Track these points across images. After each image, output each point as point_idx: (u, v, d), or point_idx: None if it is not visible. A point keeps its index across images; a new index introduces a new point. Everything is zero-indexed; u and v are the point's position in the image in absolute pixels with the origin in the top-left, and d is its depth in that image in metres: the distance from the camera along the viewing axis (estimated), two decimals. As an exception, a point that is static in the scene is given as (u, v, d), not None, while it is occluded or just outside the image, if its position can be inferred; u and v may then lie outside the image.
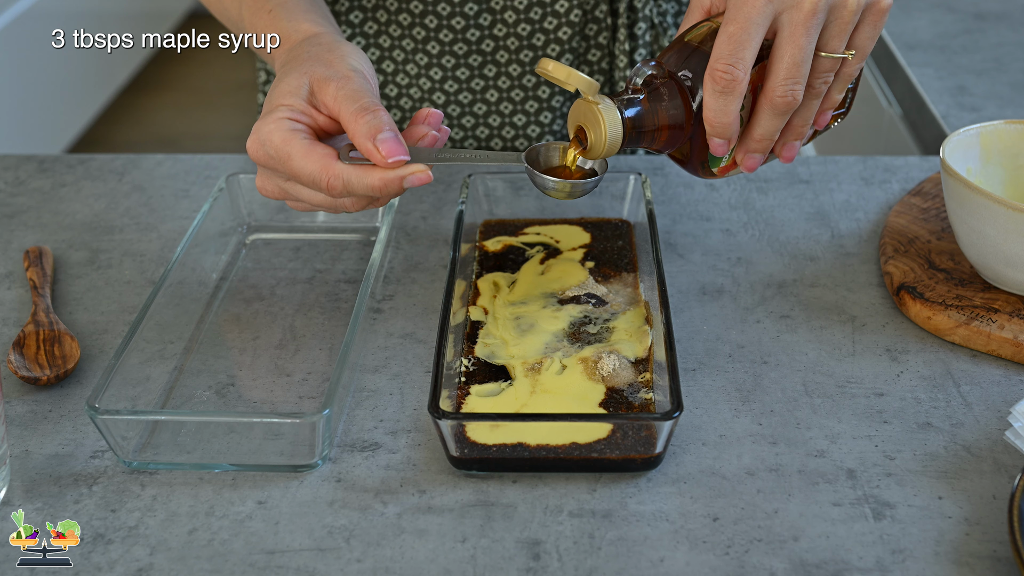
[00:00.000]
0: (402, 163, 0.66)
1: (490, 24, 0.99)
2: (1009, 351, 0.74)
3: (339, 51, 0.72)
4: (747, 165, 0.70)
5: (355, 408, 0.71)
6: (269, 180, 0.71)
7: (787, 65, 0.65)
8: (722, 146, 0.67)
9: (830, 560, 0.59)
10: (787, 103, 0.66)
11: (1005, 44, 1.32)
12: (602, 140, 0.67)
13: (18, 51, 2.54)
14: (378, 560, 0.60)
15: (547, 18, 0.99)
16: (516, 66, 1.01)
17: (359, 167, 0.67)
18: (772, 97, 0.66)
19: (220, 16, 0.86)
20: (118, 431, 0.65)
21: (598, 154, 0.68)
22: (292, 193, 0.70)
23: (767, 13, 0.64)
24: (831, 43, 0.66)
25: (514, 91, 1.02)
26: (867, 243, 0.88)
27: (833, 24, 0.65)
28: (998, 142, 0.83)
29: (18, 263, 0.86)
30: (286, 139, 0.67)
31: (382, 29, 1.01)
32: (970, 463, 0.66)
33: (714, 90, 0.65)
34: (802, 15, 0.64)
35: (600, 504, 0.63)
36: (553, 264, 0.82)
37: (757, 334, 0.77)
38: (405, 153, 0.66)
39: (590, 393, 0.68)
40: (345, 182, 0.67)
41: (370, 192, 0.67)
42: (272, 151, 0.67)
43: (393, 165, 0.66)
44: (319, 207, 0.71)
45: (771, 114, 0.67)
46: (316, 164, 0.66)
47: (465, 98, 1.03)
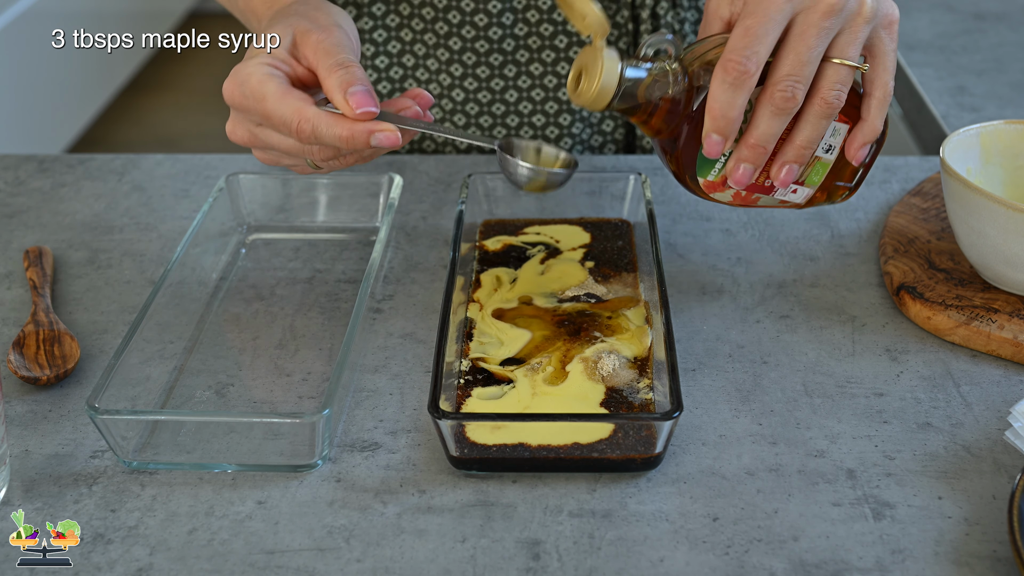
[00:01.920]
0: (371, 115, 0.67)
1: (512, 23, 0.99)
2: (1009, 351, 0.74)
3: (325, 9, 0.73)
4: (736, 177, 0.68)
5: (355, 408, 0.71)
6: (240, 124, 0.72)
7: (792, 61, 0.64)
8: (718, 145, 0.66)
9: (830, 560, 0.59)
10: (786, 100, 0.65)
11: (1005, 44, 1.32)
12: (593, 88, 0.66)
13: (18, 51, 2.54)
14: (378, 560, 0.60)
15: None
16: (538, 65, 1.01)
17: (330, 114, 0.67)
18: (772, 93, 0.65)
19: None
20: (118, 431, 0.65)
21: (585, 100, 0.67)
22: (262, 138, 0.71)
23: (786, 11, 0.64)
24: (846, 50, 0.65)
25: (535, 91, 1.02)
26: (867, 243, 0.88)
27: (846, 31, 0.65)
28: (998, 142, 0.83)
29: (18, 263, 0.86)
30: (263, 80, 0.68)
31: (404, 22, 1.01)
32: (970, 463, 0.66)
33: (724, 80, 0.64)
34: (816, 15, 0.64)
35: (600, 504, 0.63)
36: (553, 264, 0.82)
37: (757, 334, 0.77)
38: (375, 106, 0.67)
39: (590, 393, 0.68)
40: (315, 127, 0.67)
41: (337, 142, 0.68)
42: (248, 91, 0.68)
43: (361, 116, 0.67)
44: (287, 154, 0.71)
45: (770, 113, 0.65)
46: (289, 107, 0.67)
47: (484, 97, 1.03)
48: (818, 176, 0.71)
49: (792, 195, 0.72)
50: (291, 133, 0.68)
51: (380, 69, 1.03)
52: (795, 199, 0.72)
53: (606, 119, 1.05)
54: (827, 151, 0.70)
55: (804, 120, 0.67)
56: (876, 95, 0.69)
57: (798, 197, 0.72)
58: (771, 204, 0.73)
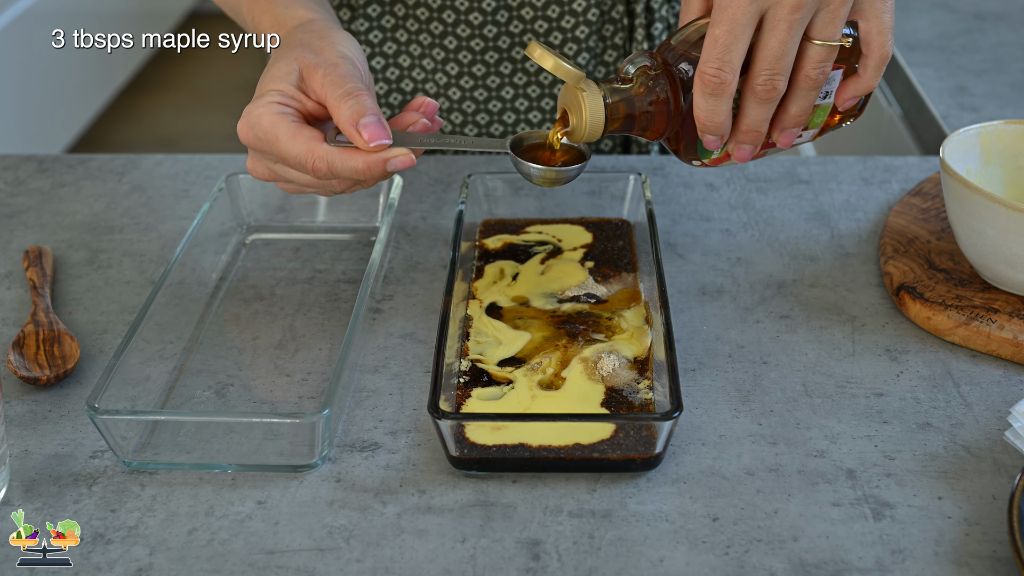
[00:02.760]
0: (384, 147, 0.68)
1: (507, 21, 1.00)
2: (1009, 351, 0.74)
3: (330, 38, 0.73)
4: (738, 156, 0.70)
5: (355, 408, 0.71)
6: (259, 162, 0.73)
7: (767, 57, 0.65)
8: (715, 142, 0.68)
9: (830, 560, 0.59)
10: (767, 92, 0.66)
11: (1005, 44, 1.32)
12: (583, 125, 0.68)
13: (18, 51, 2.54)
14: (378, 560, 0.60)
15: (565, 16, 0.99)
16: (534, 62, 1.01)
17: (344, 150, 0.68)
18: (753, 87, 0.66)
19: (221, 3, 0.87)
20: (118, 431, 0.65)
21: (579, 138, 0.69)
22: (281, 175, 0.72)
23: (751, 12, 0.64)
24: (824, 31, 0.65)
25: (531, 87, 1.03)
26: (867, 243, 0.88)
27: (823, 12, 0.65)
28: (998, 142, 0.83)
29: (18, 263, 0.86)
30: (274, 122, 0.69)
31: (399, 23, 1.01)
32: (970, 463, 0.66)
33: (703, 92, 0.65)
34: (784, 10, 0.64)
35: (600, 504, 0.63)
36: (553, 264, 0.82)
37: (757, 334, 0.77)
38: (387, 137, 0.68)
39: (591, 394, 0.68)
40: (330, 164, 0.68)
41: (354, 175, 0.69)
42: (261, 133, 0.69)
43: (375, 149, 0.68)
44: (308, 188, 0.72)
45: (755, 104, 0.67)
46: (302, 147, 0.68)
47: (480, 95, 1.03)
48: (820, 119, 0.72)
49: (799, 140, 0.73)
50: (307, 172, 0.69)
51: (376, 70, 1.03)
52: (803, 141, 0.74)
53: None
54: (824, 97, 0.70)
55: (792, 97, 0.68)
56: (873, 56, 0.69)
57: (806, 137, 0.73)
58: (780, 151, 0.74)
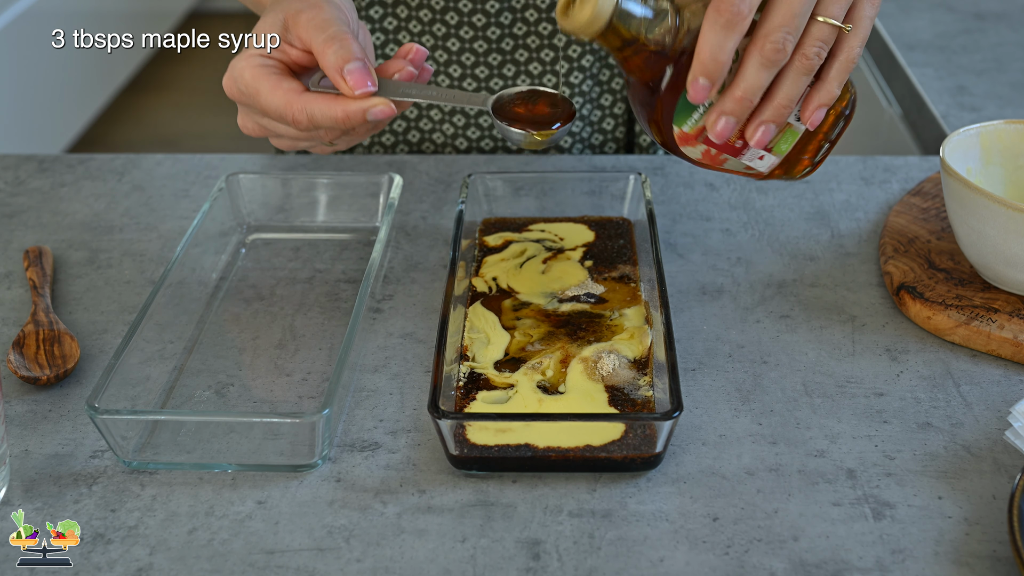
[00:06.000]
0: (370, 94, 0.68)
1: (511, 23, 1.00)
2: (1009, 351, 0.74)
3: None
4: (716, 130, 0.66)
5: (355, 408, 0.71)
6: (248, 118, 0.73)
7: (784, 12, 0.62)
8: (704, 89, 0.63)
9: (830, 560, 0.59)
10: (776, 52, 0.63)
11: (1005, 44, 1.32)
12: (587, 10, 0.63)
13: (18, 51, 2.54)
14: (378, 560, 0.60)
15: None
16: (536, 64, 1.01)
17: (324, 99, 0.68)
18: (763, 44, 0.63)
19: None
20: (118, 431, 0.65)
21: (576, 24, 0.64)
22: (271, 129, 0.72)
23: None
24: (830, 8, 0.64)
25: None
26: (867, 243, 0.88)
27: None
28: (998, 142, 0.83)
29: (18, 263, 0.86)
30: (256, 75, 0.69)
31: (402, 25, 1.01)
32: (970, 463, 0.66)
33: (716, 22, 0.62)
34: None
35: (600, 504, 0.63)
36: (553, 264, 0.82)
37: (757, 334, 0.77)
38: (373, 83, 0.68)
39: (594, 394, 0.68)
40: (310, 115, 0.68)
41: (334, 124, 0.68)
42: (243, 87, 0.69)
43: (359, 96, 0.67)
44: (299, 142, 0.72)
45: (758, 64, 0.63)
46: (281, 99, 0.68)
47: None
48: (786, 145, 0.70)
49: (758, 161, 0.70)
50: (289, 124, 0.69)
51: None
52: (760, 167, 0.71)
53: (606, 117, 1.05)
54: (797, 119, 0.69)
55: (785, 77, 0.65)
56: (840, 58, 0.66)
57: (763, 165, 0.71)
58: (735, 169, 0.71)
